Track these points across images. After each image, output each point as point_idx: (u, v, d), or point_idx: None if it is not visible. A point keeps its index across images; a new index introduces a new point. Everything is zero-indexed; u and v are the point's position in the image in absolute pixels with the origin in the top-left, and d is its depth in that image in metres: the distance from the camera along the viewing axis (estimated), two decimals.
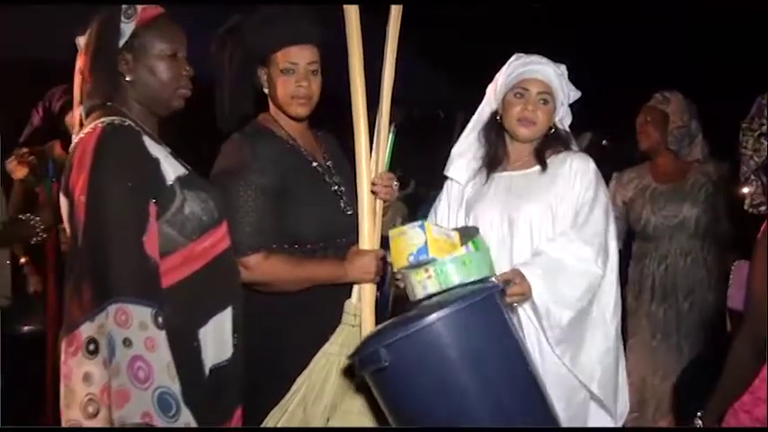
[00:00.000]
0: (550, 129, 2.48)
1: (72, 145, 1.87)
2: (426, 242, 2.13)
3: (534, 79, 2.44)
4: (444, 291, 2.11)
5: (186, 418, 1.71)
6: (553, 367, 2.34)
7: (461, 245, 2.19)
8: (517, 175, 2.48)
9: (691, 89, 3.63)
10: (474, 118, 2.60)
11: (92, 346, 1.69)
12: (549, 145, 2.48)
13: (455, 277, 2.10)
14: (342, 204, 2.35)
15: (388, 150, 2.40)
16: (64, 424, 1.74)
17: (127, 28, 1.89)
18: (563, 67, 2.50)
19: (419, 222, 2.19)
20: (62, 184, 1.86)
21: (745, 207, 2.34)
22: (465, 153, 2.60)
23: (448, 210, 2.60)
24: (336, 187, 2.36)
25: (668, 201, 3.53)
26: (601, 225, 2.39)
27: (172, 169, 1.88)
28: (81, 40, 1.97)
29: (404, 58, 2.43)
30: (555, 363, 2.35)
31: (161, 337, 1.72)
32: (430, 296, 2.12)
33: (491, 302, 2.02)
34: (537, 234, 2.39)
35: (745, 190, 2.25)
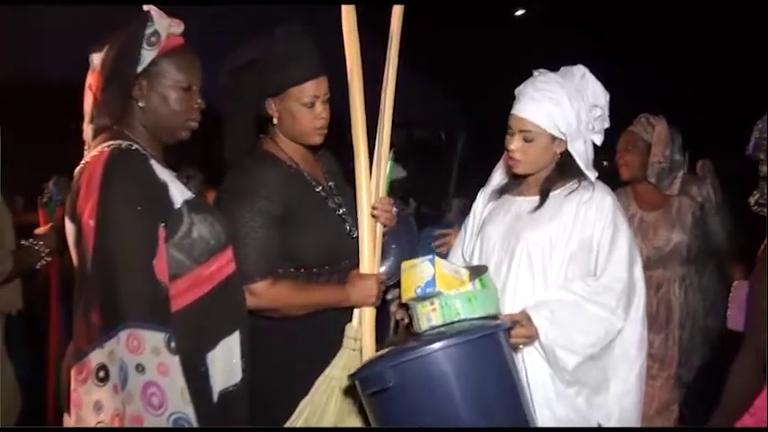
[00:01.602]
0: (557, 156, 2.38)
1: (78, 168, 1.85)
2: (434, 276, 2.18)
3: (515, 116, 2.36)
4: (448, 324, 2.15)
5: None
6: (566, 409, 2.30)
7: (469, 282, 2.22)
8: (526, 201, 2.44)
9: (685, 110, 3.60)
10: None
11: (102, 373, 1.68)
12: (555, 177, 2.40)
13: (459, 312, 2.14)
14: (347, 227, 2.36)
15: (387, 175, 2.41)
16: None
17: (148, 55, 1.89)
18: (574, 84, 2.36)
19: (429, 257, 2.23)
20: (68, 208, 1.85)
21: (751, 202, 2.37)
22: (500, 170, 2.59)
23: (472, 225, 2.60)
24: (340, 210, 2.37)
25: (657, 230, 3.47)
26: (623, 269, 2.32)
27: (179, 193, 1.88)
28: (95, 57, 1.94)
29: (405, 79, 2.44)
30: (568, 403, 2.31)
31: (174, 361, 1.72)
32: (433, 328, 2.16)
33: (494, 340, 2.05)
34: (535, 262, 2.34)
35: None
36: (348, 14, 2.38)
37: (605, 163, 3.58)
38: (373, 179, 2.38)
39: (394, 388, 1.91)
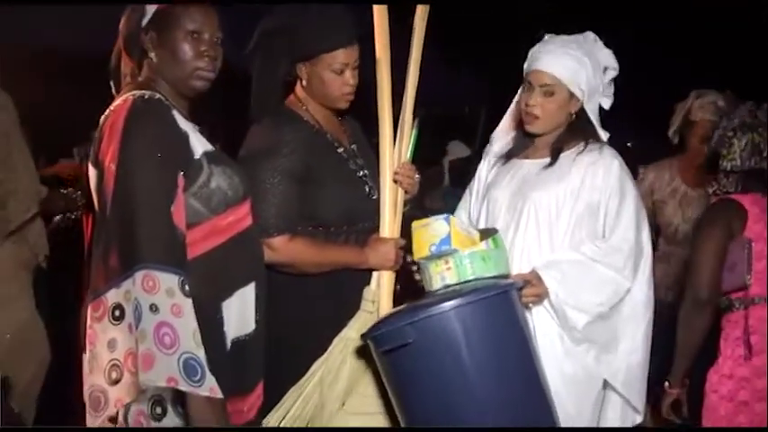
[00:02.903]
0: (572, 116, 2.41)
1: (103, 117, 1.89)
2: (449, 234, 2.19)
3: (537, 71, 2.38)
4: (462, 283, 2.16)
5: (211, 383, 1.72)
6: (574, 366, 2.34)
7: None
8: (534, 163, 2.46)
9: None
10: (515, 99, 2.56)
11: (117, 312, 1.71)
12: (566, 137, 2.43)
13: (474, 271, 2.16)
14: (367, 189, 2.39)
15: (411, 143, 2.43)
16: (86, 389, 1.76)
17: (150, 8, 1.92)
18: (588, 46, 2.40)
19: (444, 215, 2.25)
20: (91, 154, 1.89)
21: (709, 191, 2.61)
22: (502, 135, 2.61)
23: (477, 188, 2.62)
24: (362, 172, 2.41)
25: (699, 208, 3.40)
26: (631, 232, 2.35)
27: (200, 144, 1.91)
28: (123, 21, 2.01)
29: (429, 54, 2.46)
30: (577, 361, 2.35)
31: (187, 304, 1.74)
32: (447, 287, 2.18)
33: (508, 298, 2.09)
34: (542, 223, 2.37)
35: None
36: (380, 14, 2.40)
37: (629, 144, 3.56)
38: (397, 146, 2.40)
39: (410, 345, 1.94)
